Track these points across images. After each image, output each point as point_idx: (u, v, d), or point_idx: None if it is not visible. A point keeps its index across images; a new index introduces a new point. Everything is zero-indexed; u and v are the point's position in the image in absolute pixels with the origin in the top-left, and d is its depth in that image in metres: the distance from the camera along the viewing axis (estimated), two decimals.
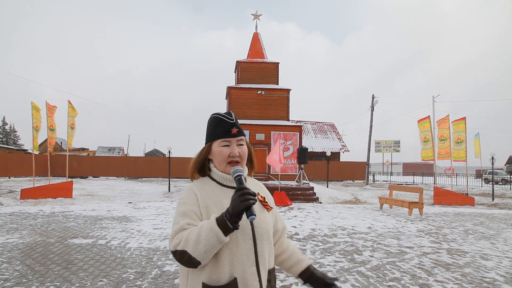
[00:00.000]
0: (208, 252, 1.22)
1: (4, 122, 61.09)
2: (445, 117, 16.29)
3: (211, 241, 1.20)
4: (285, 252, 1.56)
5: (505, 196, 19.01)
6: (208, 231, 1.21)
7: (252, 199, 1.19)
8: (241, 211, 1.18)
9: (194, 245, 1.21)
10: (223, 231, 1.20)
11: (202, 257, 1.22)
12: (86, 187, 19.90)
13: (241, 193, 1.19)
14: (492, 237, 7.21)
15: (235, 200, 1.19)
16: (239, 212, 1.18)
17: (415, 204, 10.25)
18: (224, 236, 1.20)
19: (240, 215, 1.19)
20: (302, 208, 11.67)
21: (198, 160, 1.46)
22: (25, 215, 9.03)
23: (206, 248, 1.20)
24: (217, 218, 1.22)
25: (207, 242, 1.20)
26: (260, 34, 22.30)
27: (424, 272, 4.73)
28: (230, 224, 1.20)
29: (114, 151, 48.88)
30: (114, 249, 5.72)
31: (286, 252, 1.56)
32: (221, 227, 1.20)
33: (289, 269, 1.56)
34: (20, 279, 4.19)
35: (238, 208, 1.18)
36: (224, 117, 1.42)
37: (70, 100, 15.44)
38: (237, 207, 1.18)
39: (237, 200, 1.18)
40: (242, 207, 1.17)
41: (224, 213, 1.22)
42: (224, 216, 1.21)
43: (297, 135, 19.55)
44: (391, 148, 45.07)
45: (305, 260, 1.55)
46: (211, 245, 1.20)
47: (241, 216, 1.20)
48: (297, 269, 1.54)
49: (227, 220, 1.20)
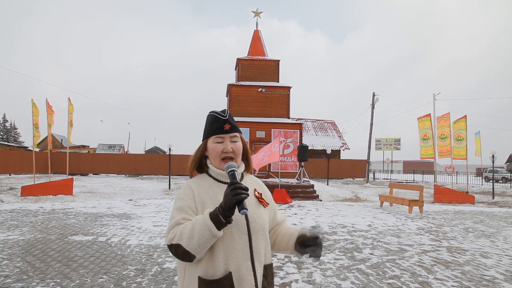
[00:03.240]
0: (202, 246, 1.24)
1: (5, 119, 61.13)
2: (446, 115, 16.27)
3: (205, 235, 1.22)
4: (279, 235, 1.56)
5: (505, 194, 19.01)
6: (201, 225, 1.23)
7: (243, 193, 1.21)
8: (233, 205, 1.20)
9: (188, 239, 1.24)
10: (216, 225, 1.22)
11: (196, 251, 1.24)
12: (87, 184, 19.92)
13: (233, 187, 1.21)
14: (492, 235, 7.21)
15: (227, 195, 1.22)
16: (231, 206, 1.20)
17: (415, 202, 10.26)
18: (217, 230, 1.23)
19: (232, 209, 1.21)
20: (302, 205, 11.68)
21: (196, 157, 1.49)
22: (25, 212, 9.05)
23: (200, 242, 1.23)
24: (210, 213, 1.25)
25: (200, 236, 1.22)
26: (260, 31, 22.24)
27: (424, 270, 4.73)
28: (223, 218, 1.22)
29: (115, 149, 48.92)
30: (114, 246, 5.73)
31: (280, 235, 1.56)
32: (214, 221, 1.22)
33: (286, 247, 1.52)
34: (20, 275, 4.20)
35: (230, 202, 1.20)
36: (218, 114, 1.45)
37: (71, 97, 15.44)
38: (229, 202, 1.20)
39: (229, 195, 1.21)
40: (233, 201, 1.19)
41: (218, 207, 1.24)
42: (217, 211, 1.23)
43: (297, 132, 19.52)
44: (392, 146, 45.03)
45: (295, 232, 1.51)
46: (204, 239, 1.23)
47: (233, 210, 1.22)
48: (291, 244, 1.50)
49: (219, 214, 1.22)
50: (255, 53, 21.42)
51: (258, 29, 22.24)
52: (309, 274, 4.48)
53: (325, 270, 4.64)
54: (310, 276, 4.41)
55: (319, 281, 4.23)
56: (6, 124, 61.39)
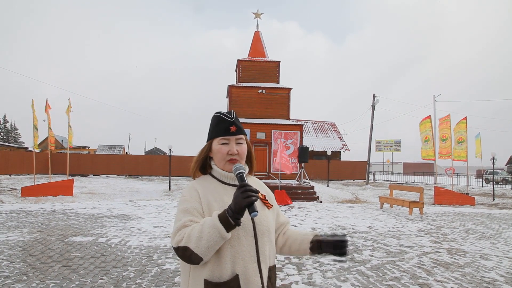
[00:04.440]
0: (211, 249, 1.23)
1: (5, 120, 61.18)
2: (447, 116, 16.27)
3: (214, 238, 1.21)
4: (290, 238, 1.56)
5: (505, 196, 18.99)
6: (210, 227, 1.22)
7: (254, 195, 1.20)
8: (243, 207, 1.19)
9: (196, 241, 1.22)
10: (225, 227, 1.21)
11: (205, 254, 1.23)
12: (87, 185, 19.91)
13: (244, 189, 1.20)
14: (492, 237, 7.21)
15: (237, 197, 1.20)
16: (241, 208, 1.20)
17: (416, 204, 10.25)
18: (226, 232, 1.22)
19: (242, 211, 1.20)
20: (302, 207, 11.68)
21: (200, 158, 1.48)
22: (25, 213, 9.05)
23: (209, 244, 1.22)
24: (219, 215, 1.23)
25: (209, 238, 1.21)
26: (261, 32, 22.26)
27: (424, 271, 4.73)
28: (232, 221, 1.21)
29: (115, 150, 48.95)
30: (114, 247, 5.73)
31: (291, 237, 1.55)
32: (223, 224, 1.21)
33: (299, 249, 1.52)
34: (20, 276, 4.20)
35: (241, 204, 1.19)
36: (224, 116, 1.44)
37: (71, 98, 15.46)
38: (240, 204, 1.19)
39: (239, 197, 1.20)
40: (244, 204, 1.19)
41: (226, 209, 1.23)
42: (226, 213, 1.22)
43: (297, 134, 19.52)
44: (392, 147, 45.03)
45: (309, 234, 1.52)
46: (213, 242, 1.22)
47: (243, 212, 1.21)
48: (306, 246, 1.49)
49: (229, 217, 1.21)
50: (256, 54, 21.43)
51: (258, 30, 22.27)
52: (309, 275, 4.48)
53: (325, 272, 4.64)
54: (310, 277, 4.41)
55: (319, 282, 4.23)
56: (7, 124, 61.46)
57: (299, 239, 1.52)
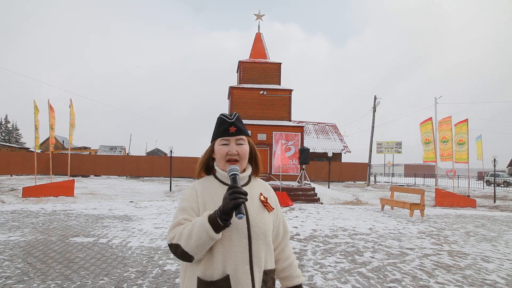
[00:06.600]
0: (200, 247, 1.26)
1: (7, 121, 61.28)
2: (447, 118, 16.25)
3: (202, 237, 1.24)
4: (283, 262, 1.54)
5: (506, 198, 18.95)
6: (199, 227, 1.25)
7: (241, 197, 1.22)
8: (230, 209, 1.21)
9: (186, 239, 1.27)
10: (214, 228, 1.24)
11: (194, 252, 1.27)
12: (88, 186, 19.93)
13: (231, 191, 1.23)
14: (494, 239, 7.19)
15: (225, 198, 1.23)
16: (229, 210, 1.22)
17: (417, 206, 10.23)
18: (214, 233, 1.24)
19: (230, 213, 1.23)
20: (303, 208, 11.67)
21: (203, 159, 1.52)
22: (26, 213, 9.06)
23: (198, 243, 1.25)
24: (209, 216, 1.27)
25: (198, 237, 1.25)
26: (262, 34, 22.29)
27: (425, 273, 4.72)
28: (220, 222, 1.23)
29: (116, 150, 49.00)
30: (115, 248, 5.73)
31: (284, 262, 1.54)
32: (212, 224, 1.24)
33: (280, 279, 1.56)
34: (21, 277, 4.21)
35: (228, 206, 1.21)
36: (225, 117, 1.47)
37: (72, 99, 15.48)
38: (227, 205, 1.22)
39: (227, 198, 1.22)
40: (230, 205, 1.21)
41: (216, 210, 1.26)
42: (216, 214, 1.25)
43: (298, 135, 19.53)
44: (393, 149, 44.95)
45: (297, 278, 1.54)
46: (202, 241, 1.25)
47: (231, 214, 1.23)
48: (286, 283, 1.54)
49: (217, 217, 1.24)
50: (257, 56, 21.45)
51: (260, 32, 22.30)
52: (310, 277, 4.48)
53: (326, 273, 4.64)
54: (311, 279, 4.40)
55: (320, 284, 4.23)
56: (8, 125, 61.56)
57: (287, 273, 1.54)
